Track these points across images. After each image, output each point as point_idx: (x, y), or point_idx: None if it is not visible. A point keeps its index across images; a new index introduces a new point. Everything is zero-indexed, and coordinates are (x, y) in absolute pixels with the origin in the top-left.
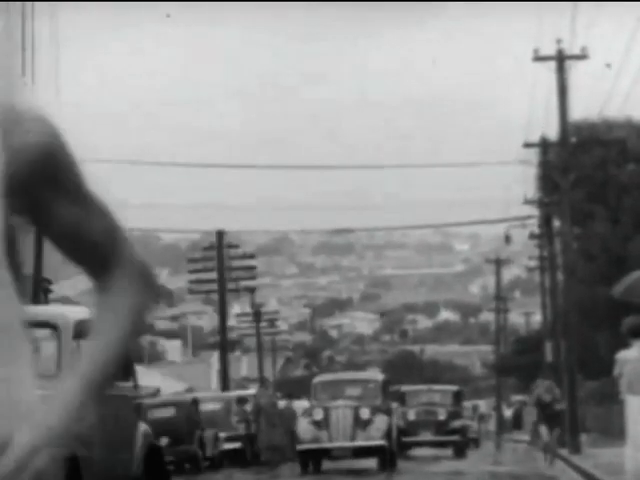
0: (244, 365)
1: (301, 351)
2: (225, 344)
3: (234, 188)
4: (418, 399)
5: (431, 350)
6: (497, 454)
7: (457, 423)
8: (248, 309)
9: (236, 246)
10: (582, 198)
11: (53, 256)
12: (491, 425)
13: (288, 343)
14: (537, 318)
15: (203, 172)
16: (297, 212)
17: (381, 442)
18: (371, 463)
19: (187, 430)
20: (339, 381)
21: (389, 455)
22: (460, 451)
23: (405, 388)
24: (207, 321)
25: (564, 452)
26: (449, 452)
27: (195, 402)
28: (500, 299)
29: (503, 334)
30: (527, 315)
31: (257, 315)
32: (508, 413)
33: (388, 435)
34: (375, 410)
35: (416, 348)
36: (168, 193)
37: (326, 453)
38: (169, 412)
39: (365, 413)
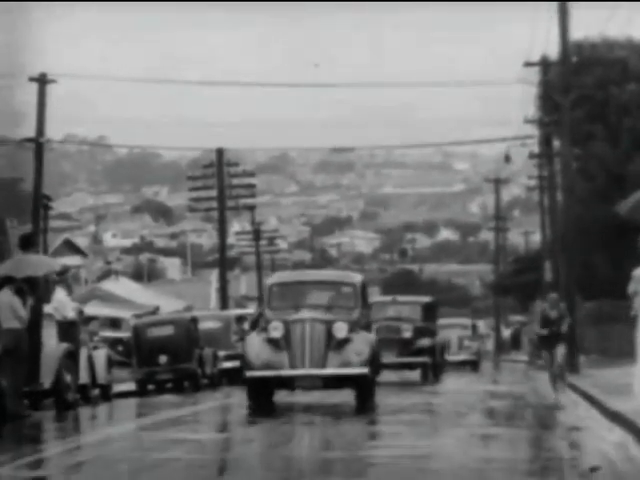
0: (243, 283)
1: (300, 269)
2: (224, 262)
3: (235, 106)
4: (382, 313)
5: (430, 269)
6: (495, 374)
7: (426, 342)
8: (248, 227)
9: (236, 164)
10: (582, 118)
11: (54, 173)
12: (489, 345)
13: (287, 261)
14: (536, 237)
15: (203, 89)
16: (297, 130)
17: (362, 370)
18: (345, 397)
19: (186, 348)
20: (303, 283)
21: (370, 387)
22: (427, 375)
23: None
24: (206, 239)
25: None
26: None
27: (194, 320)
28: (499, 218)
29: (502, 253)
30: (526, 234)
31: (257, 233)
32: (507, 333)
33: (371, 361)
34: (354, 325)
35: (415, 267)
36: (169, 110)
37: (286, 383)
38: (168, 330)
39: (341, 329)
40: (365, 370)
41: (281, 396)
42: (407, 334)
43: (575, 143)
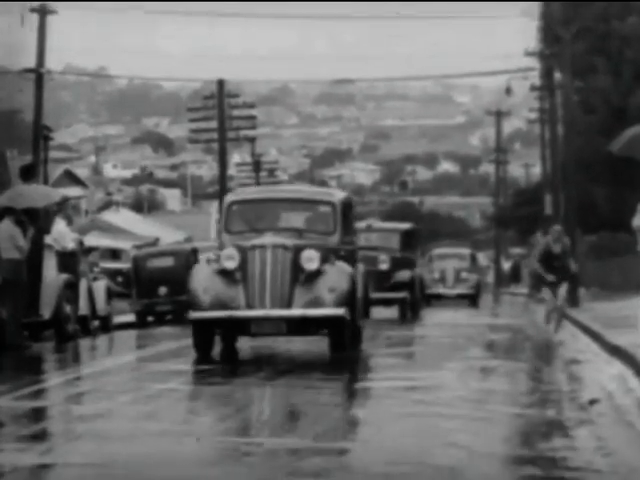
0: None
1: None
2: (224, 193)
3: (235, 37)
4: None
5: (430, 202)
6: (495, 307)
7: (405, 275)
8: (248, 159)
9: (236, 95)
10: (583, 50)
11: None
12: (489, 278)
13: None
14: (537, 170)
15: (205, 21)
16: (298, 62)
17: (336, 310)
18: (315, 346)
19: (186, 279)
20: (270, 202)
21: (347, 332)
22: (405, 313)
23: None
24: (207, 170)
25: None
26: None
27: (194, 251)
28: (500, 151)
29: (503, 186)
30: (527, 167)
31: (257, 165)
32: (507, 266)
33: (350, 299)
34: (330, 254)
35: (415, 199)
36: (169, 41)
37: (240, 327)
38: (168, 261)
39: (311, 259)
40: (340, 311)
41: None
42: (384, 266)
43: (576, 76)
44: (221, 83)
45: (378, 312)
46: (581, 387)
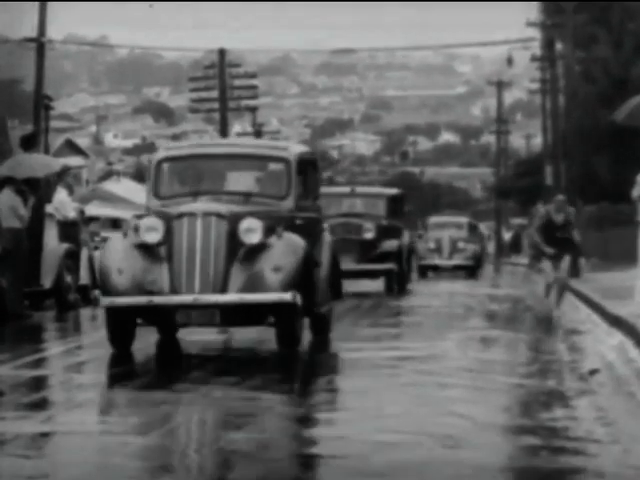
0: None
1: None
2: None
3: (236, 6)
4: (338, 207)
5: (431, 172)
6: (495, 277)
7: (392, 244)
8: (249, 128)
9: (238, 65)
10: (585, 21)
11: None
12: (490, 248)
13: None
14: (538, 141)
15: None
16: (299, 32)
17: (284, 295)
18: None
19: None
20: (207, 159)
21: (300, 320)
22: (392, 285)
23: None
24: (208, 140)
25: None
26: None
27: None
28: (501, 121)
29: (503, 157)
30: (528, 138)
31: (258, 134)
32: (507, 236)
33: (302, 279)
34: (279, 224)
35: (416, 170)
36: (170, 11)
37: (164, 316)
38: None
39: (251, 230)
40: (286, 296)
41: None
42: (369, 235)
43: (578, 46)
44: (222, 53)
45: (364, 285)
46: (581, 357)
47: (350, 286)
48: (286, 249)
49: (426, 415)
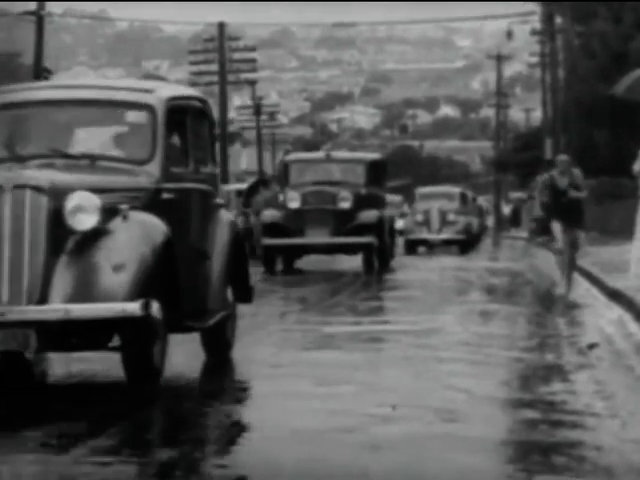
0: (244, 158)
1: (300, 145)
2: (225, 136)
3: None
4: (311, 175)
5: (430, 145)
6: (495, 250)
7: (371, 215)
8: (249, 102)
9: (237, 38)
10: None
11: (54, 46)
12: (490, 222)
13: (288, 137)
14: (537, 115)
15: None
16: (299, 5)
17: (129, 307)
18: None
19: None
20: (41, 106)
21: (160, 342)
22: (371, 263)
23: (290, 157)
24: None
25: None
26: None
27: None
28: (501, 95)
29: (503, 130)
30: (527, 111)
31: (257, 108)
32: (507, 210)
33: (161, 282)
34: (134, 200)
35: (416, 143)
36: None
37: None
38: None
39: (81, 209)
40: (132, 307)
41: None
42: (345, 204)
43: (577, 20)
44: (222, 26)
45: (342, 261)
46: (580, 331)
47: (325, 263)
48: (130, 238)
49: (425, 389)
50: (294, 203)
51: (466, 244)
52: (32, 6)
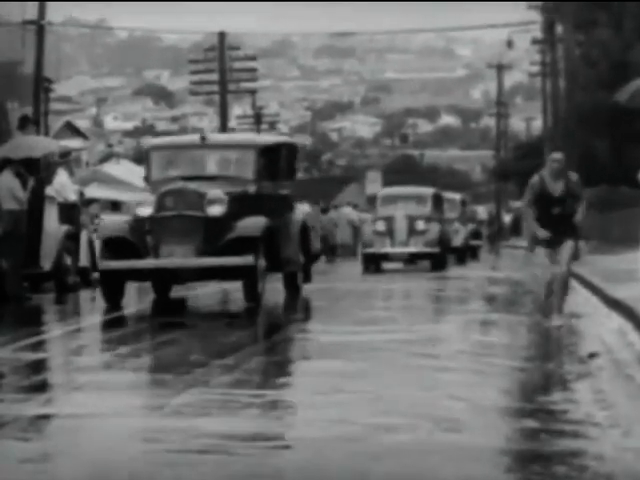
0: None
1: (301, 154)
2: None
3: None
4: (182, 168)
5: (431, 155)
6: (495, 260)
7: (256, 224)
8: (249, 111)
9: (237, 48)
10: (585, 4)
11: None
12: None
13: None
14: (538, 124)
15: None
16: (299, 14)
17: None
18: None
19: None
20: None
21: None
22: (253, 295)
23: (152, 142)
24: (208, 123)
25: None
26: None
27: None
28: (501, 104)
29: (503, 139)
30: (528, 121)
31: (258, 117)
32: (507, 219)
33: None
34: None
35: (416, 152)
36: None
37: None
38: None
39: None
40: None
41: None
42: (216, 209)
43: (578, 29)
44: (222, 35)
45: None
46: (581, 341)
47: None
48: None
49: (426, 398)
50: (145, 208)
51: (439, 259)
52: (30, 15)
